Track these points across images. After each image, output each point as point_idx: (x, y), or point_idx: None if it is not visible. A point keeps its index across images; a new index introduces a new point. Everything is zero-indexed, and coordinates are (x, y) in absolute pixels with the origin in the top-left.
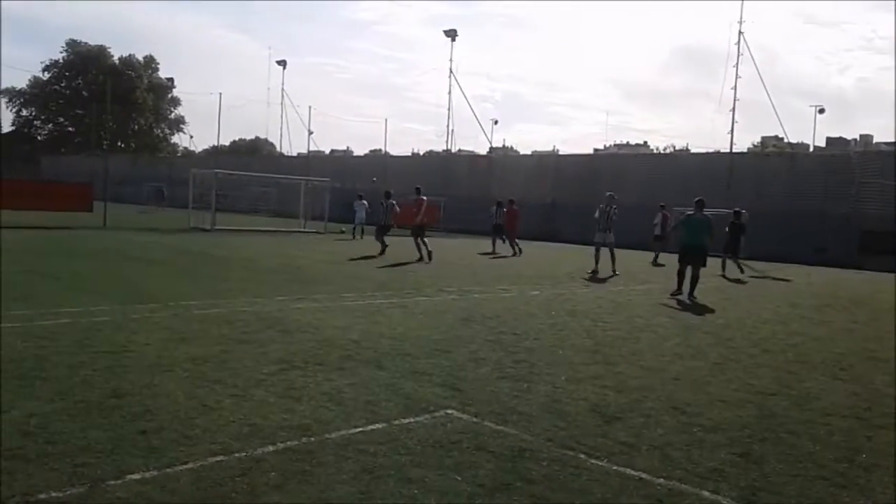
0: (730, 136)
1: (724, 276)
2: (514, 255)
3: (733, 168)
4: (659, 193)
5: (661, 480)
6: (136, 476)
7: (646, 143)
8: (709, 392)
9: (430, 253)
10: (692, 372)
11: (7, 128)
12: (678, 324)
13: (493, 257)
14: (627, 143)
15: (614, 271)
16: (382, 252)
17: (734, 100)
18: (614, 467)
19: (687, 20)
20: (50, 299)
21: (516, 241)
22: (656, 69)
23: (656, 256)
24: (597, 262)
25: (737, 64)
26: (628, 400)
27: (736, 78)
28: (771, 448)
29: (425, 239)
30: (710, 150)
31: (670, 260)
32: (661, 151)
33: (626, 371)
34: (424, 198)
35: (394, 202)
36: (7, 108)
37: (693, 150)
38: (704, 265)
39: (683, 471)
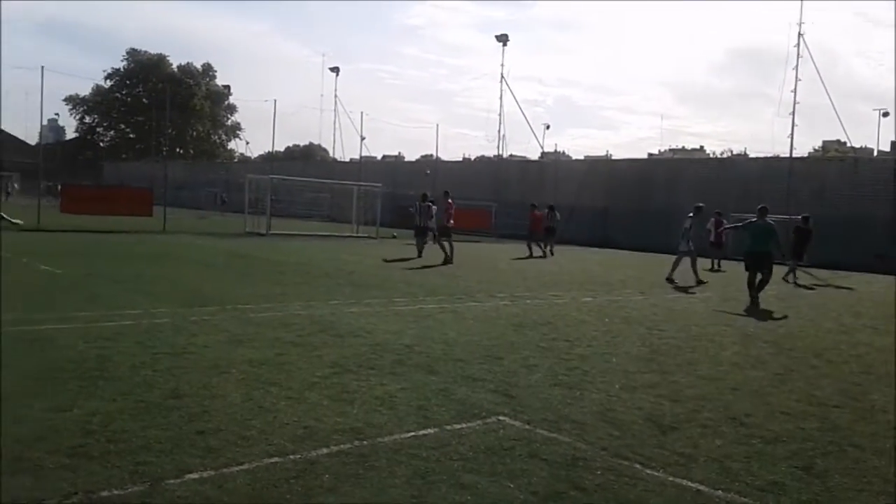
0: (790, 140)
1: (795, 284)
2: (544, 256)
3: (793, 173)
4: (716, 199)
5: (720, 493)
6: (194, 475)
7: (702, 147)
8: (769, 403)
9: (450, 255)
10: (752, 382)
11: (71, 134)
12: (736, 332)
13: (534, 261)
14: (683, 147)
15: (698, 280)
16: (420, 255)
17: (794, 103)
18: (671, 478)
19: (743, 20)
20: (112, 301)
21: (537, 243)
22: (712, 71)
23: (717, 262)
24: (695, 272)
25: (796, 66)
26: (685, 410)
27: (796, 80)
28: (834, 462)
29: (451, 242)
30: (770, 155)
31: (729, 266)
32: (718, 156)
33: (683, 380)
34: (451, 200)
35: (430, 203)
36: (71, 115)
37: (751, 155)
38: (771, 271)
39: (742, 483)
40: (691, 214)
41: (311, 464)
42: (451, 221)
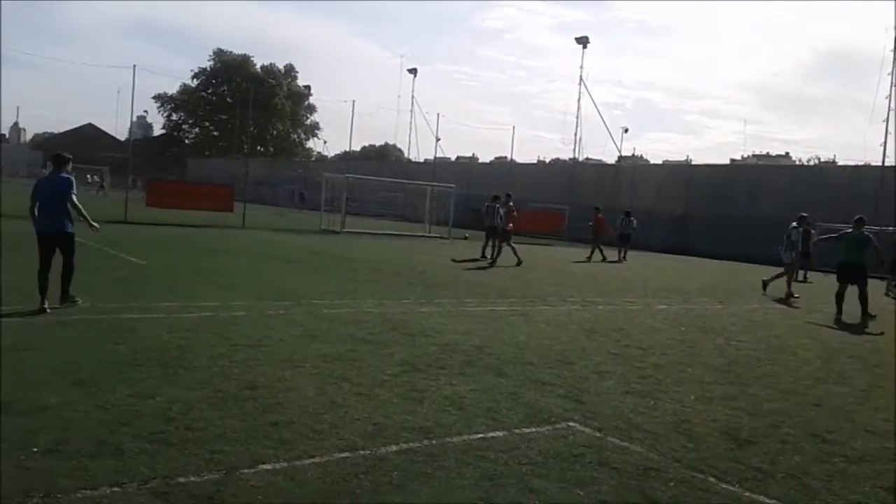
0: (882, 148)
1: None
2: (603, 260)
3: (885, 182)
4: (802, 207)
5: None
6: (267, 466)
7: (787, 154)
8: (853, 420)
9: (496, 258)
10: (835, 398)
11: (158, 131)
12: (819, 346)
13: (607, 266)
14: (767, 153)
15: (790, 293)
16: (483, 256)
17: (888, 109)
18: (746, 493)
19: (835, 23)
20: (193, 293)
21: (601, 247)
22: (800, 75)
23: (805, 273)
24: (789, 284)
25: (892, 71)
26: (763, 424)
27: (891, 86)
28: None
29: (510, 244)
30: (860, 163)
31: (815, 277)
32: (805, 163)
33: (761, 393)
34: (511, 203)
35: (497, 205)
36: (159, 112)
37: (840, 163)
38: (866, 283)
39: (823, 502)
40: (795, 224)
41: (380, 460)
42: (511, 225)
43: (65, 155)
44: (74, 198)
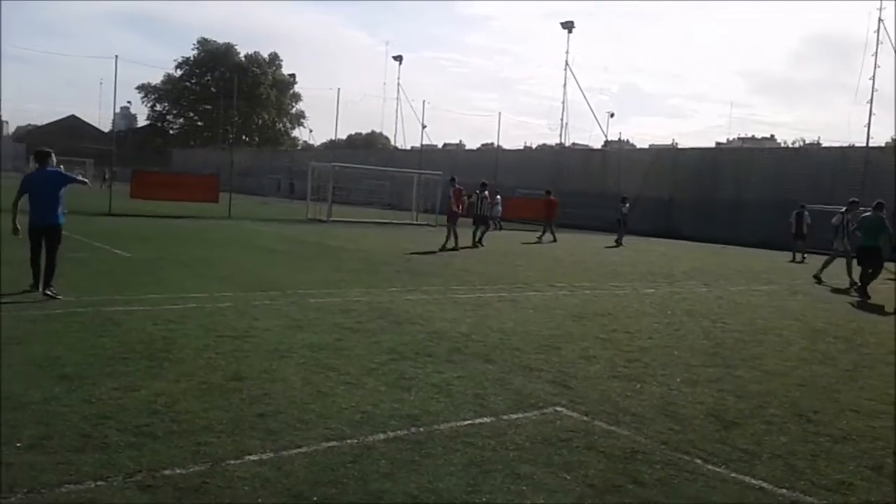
0: (866, 129)
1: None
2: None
3: (870, 162)
4: (787, 189)
5: (784, 491)
6: (253, 457)
7: (773, 136)
8: (838, 400)
9: (455, 242)
10: (819, 378)
11: (142, 122)
12: (805, 327)
13: (596, 250)
14: (753, 136)
15: (853, 282)
16: (478, 243)
17: (872, 91)
18: (733, 474)
19: (821, 6)
20: (178, 285)
21: (552, 228)
22: (786, 59)
23: (803, 255)
24: (850, 273)
25: (875, 53)
26: (749, 405)
27: (875, 68)
28: None
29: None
30: (845, 144)
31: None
32: (790, 145)
33: (747, 375)
34: (459, 186)
35: (486, 194)
36: (143, 103)
37: (825, 144)
38: (880, 266)
39: (808, 482)
40: (844, 210)
41: (367, 449)
42: (459, 208)
43: (45, 149)
44: (78, 177)
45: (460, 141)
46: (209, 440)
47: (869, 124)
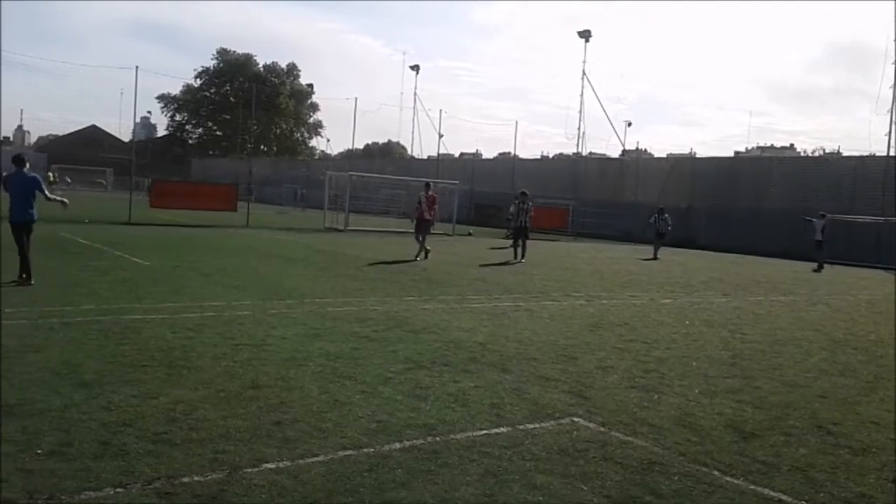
0: (887, 138)
1: None
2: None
3: (889, 172)
4: (807, 198)
5: (803, 503)
6: (271, 465)
7: (792, 145)
8: (858, 412)
9: (426, 252)
10: (840, 390)
11: (162, 132)
12: (824, 338)
13: (614, 260)
14: (772, 145)
15: None
16: (515, 257)
17: (893, 100)
18: (751, 486)
19: (841, 15)
20: (197, 293)
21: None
22: (806, 67)
23: (820, 265)
24: None
25: None
26: (768, 417)
27: (895, 76)
28: None
29: (425, 236)
30: (865, 154)
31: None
32: (810, 154)
33: (766, 386)
34: (434, 193)
35: (531, 203)
36: (162, 113)
37: (845, 153)
38: None
39: (828, 494)
40: None
41: (383, 458)
42: (429, 215)
43: (21, 155)
44: (47, 192)
45: (477, 150)
46: (227, 448)
47: (890, 133)
